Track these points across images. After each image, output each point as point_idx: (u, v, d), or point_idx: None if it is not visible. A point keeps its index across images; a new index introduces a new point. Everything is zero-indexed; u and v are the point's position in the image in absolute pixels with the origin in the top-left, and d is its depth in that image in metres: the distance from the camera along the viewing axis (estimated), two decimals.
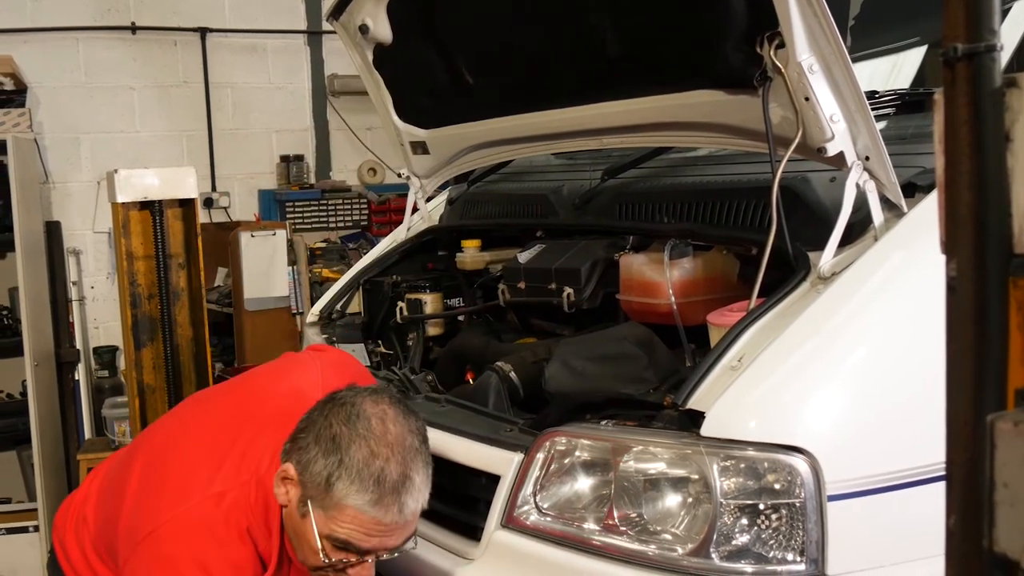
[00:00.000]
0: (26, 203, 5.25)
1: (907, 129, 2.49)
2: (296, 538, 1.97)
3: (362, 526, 1.86)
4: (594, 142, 2.94)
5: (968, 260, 0.93)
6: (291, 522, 1.96)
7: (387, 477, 1.85)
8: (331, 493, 1.85)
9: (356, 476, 1.85)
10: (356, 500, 1.84)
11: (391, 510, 1.86)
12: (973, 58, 0.92)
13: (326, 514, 1.87)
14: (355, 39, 3.29)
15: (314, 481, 1.87)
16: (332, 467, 1.86)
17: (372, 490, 1.84)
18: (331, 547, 1.89)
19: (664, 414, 2.05)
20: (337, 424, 1.90)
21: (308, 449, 1.90)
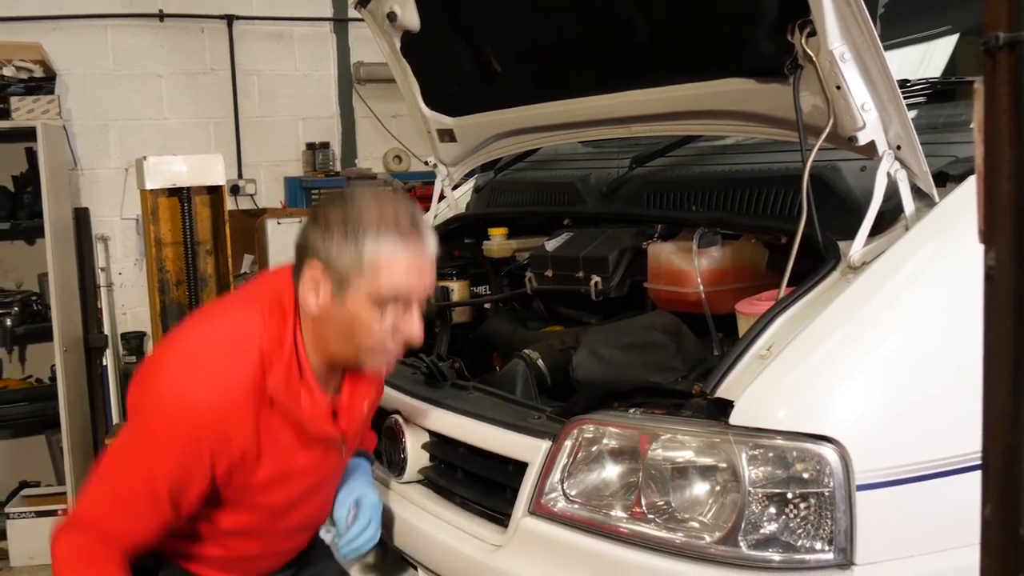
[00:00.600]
0: (55, 190, 5.29)
1: (938, 118, 2.47)
2: (342, 335, 2.02)
3: (399, 271, 1.96)
4: (622, 130, 2.93)
5: (1007, 250, 0.93)
6: (330, 325, 2.02)
7: (401, 219, 1.97)
8: (362, 257, 1.94)
9: (375, 230, 1.94)
10: (387, 248, 1.94)
11: (418, 244, 1.99)
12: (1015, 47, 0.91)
13: (369, 281, 1.95)
14: (383, 27, 3.30)
15: (343, 260, 1.95)
16: (351, 238, 1.94)
17: (395, 234, 1.95)
18: (378, 311, 1.98)
19: (692, 402, 2.05)
20: (334, 213, 1.99)
21: (323, 241, 1.98)
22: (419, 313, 2.04)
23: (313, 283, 1.99)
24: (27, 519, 5.21)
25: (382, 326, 1.99)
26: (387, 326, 2.00)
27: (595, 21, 2.73)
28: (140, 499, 1.96)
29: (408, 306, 2.01)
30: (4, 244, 5.86)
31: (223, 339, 2.01)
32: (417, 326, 2.03)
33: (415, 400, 2.64)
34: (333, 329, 2.02)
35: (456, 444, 2.49)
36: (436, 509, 2.49)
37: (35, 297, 5.71)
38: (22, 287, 5.83)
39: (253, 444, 2.01)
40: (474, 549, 2.28)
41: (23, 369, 5.93)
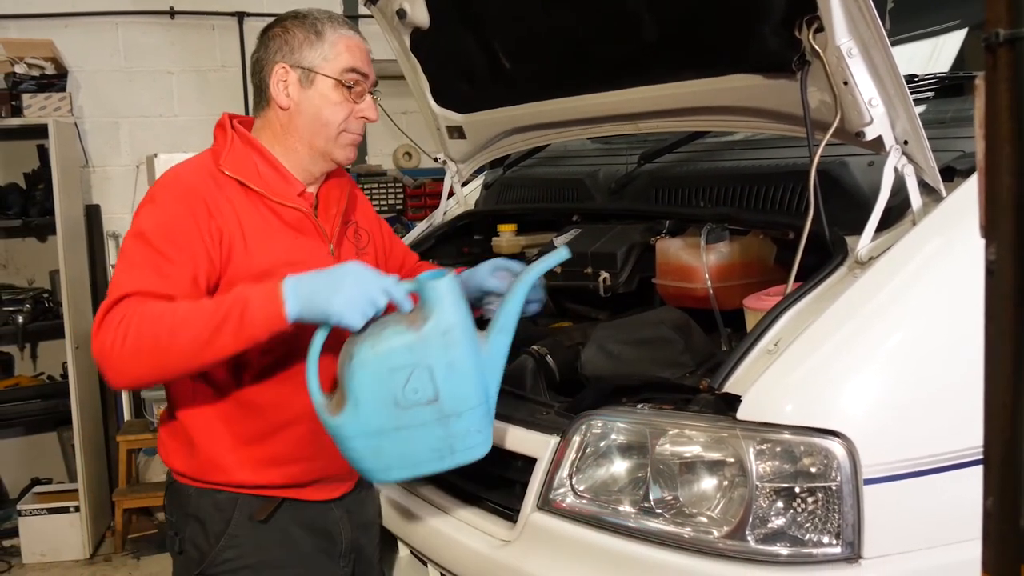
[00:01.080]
0: (67, 187, 5.32)
1: (946, 113, 2.47)
2: (310, 124, 2.27)
3: (354, 50, 2.27)
4: (630, 126, 2.94)
5: (1008, 244, 0.94)
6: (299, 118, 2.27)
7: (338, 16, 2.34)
8: (323, 38, 2.26)
9: (326, 21, 2.29)
10: (342, 31, 2.28)
11: (357, 32, 2.32)
12: (1015, 43, 0.92)
13: (328, 57, 2.25)
14: (392, 23, 3.31)
15: (305, 46, 2.26)
16: (310, 28, 2.27)
17: (341, 23, 2.31)
18: (342, 89, 2.26)
19: (700, 398, 2.06)
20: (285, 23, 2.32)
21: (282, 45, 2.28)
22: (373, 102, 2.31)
23: (283, 84, 2.26)
24: (39, 516, 5.25)
25: (347, 104, 2.26)
26: (350, 105, 2.26)
27: (604, 17, 2.74)
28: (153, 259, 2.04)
29: (363, 90, 2.28)
30: (16, 241, 5.90)
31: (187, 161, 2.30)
32: (372, 109, 2.30)
33: None
34: (303, 121, 2.27)
35: None
36: (445, 505, 2.49)
37: (47, 294, 5.74)
38: (34, 284, 5.87)
39: (236, 224, 2.14)
40: (483, 544, 2.29)
41: (35, 366, 5.97)
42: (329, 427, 2.02)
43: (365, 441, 1.99)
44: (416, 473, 2.10)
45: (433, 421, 1.98)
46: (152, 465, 5.71)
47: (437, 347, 1.96)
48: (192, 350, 1.95)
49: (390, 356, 1.95)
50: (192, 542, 2.26)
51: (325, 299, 1.94)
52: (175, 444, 2.28)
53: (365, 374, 1.96)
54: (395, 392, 1.95)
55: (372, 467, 2.05)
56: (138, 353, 1.94)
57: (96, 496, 5.45)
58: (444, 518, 2.46)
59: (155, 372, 1.98)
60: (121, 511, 5.40)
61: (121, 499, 5.41)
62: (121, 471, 5.49)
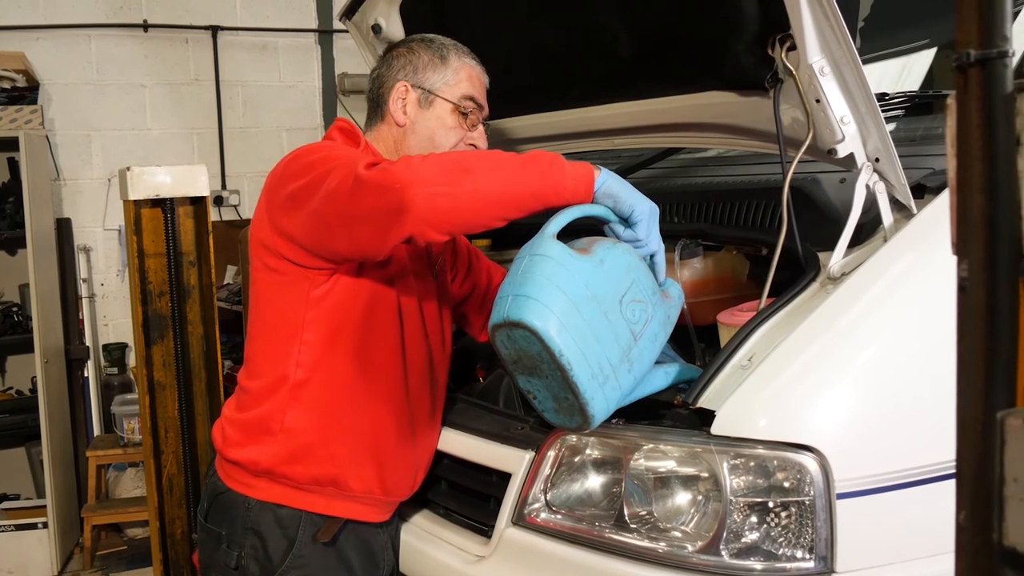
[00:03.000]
0: (37, 200, 5.28)
1: (916, 131, 2.50)
2: (426, 135, 2.33)
3: (475, 81, 2.38)
4: (605, 142, 2.95)
5: (979, 261, 0.95)
6: (413, 137, 2.33)
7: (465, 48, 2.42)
8: (447, 63, 2.35)
9: (457, 49, 2.39)
10: (467, 59, 2.38)
11: (479, 63, 2.41)
12: (986, 64, 0.93)
13: (450, 83, 2.34)
14: (368, 38, 3.31)
15: (429, 69, 2.34)
16: (437, 52, 2.37)
17: (468, 53, 2.40)
18: (459, 114, 2.34)
19: (674, 413, 2.07)
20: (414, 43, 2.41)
21: (407, 67, 2.36)
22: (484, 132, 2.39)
23: (401, 101, 2.32)
24: (6, 532, 5.19)
25: (460, 131, 2.33)
26: (463, 131, 2.34)
27: (579, 34, 2.75)
28: None
29: (476, 120, 2.36)
30: None
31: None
32: (483, 137, 2.38)
33: None
34: (416, 140, 2.33)
35: (440, 455, 2.50)
36: (419, 520, 2.49)
37: (16, 308, 5.69)
38: (3, 298, 5.82)
39: None
40: (457, 560, 2.29)
41: (3, 381, 5.92)
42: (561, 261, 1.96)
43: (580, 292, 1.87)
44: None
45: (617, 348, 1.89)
46: (121, 481, 5.65)
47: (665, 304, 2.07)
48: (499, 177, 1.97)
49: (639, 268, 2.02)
50: (254, 557, 2.20)
51: (635, 196, 2.06)
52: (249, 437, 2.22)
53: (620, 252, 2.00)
54: (621, 292, 1.94)
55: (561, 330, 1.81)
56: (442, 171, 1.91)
57: (65, 512, 5.40)
58: (418, 533, 2.45)
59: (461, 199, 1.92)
60: (90, 527, 5.35)
61: (90, 515, 5.36)
62: (90, 487, 5.44)
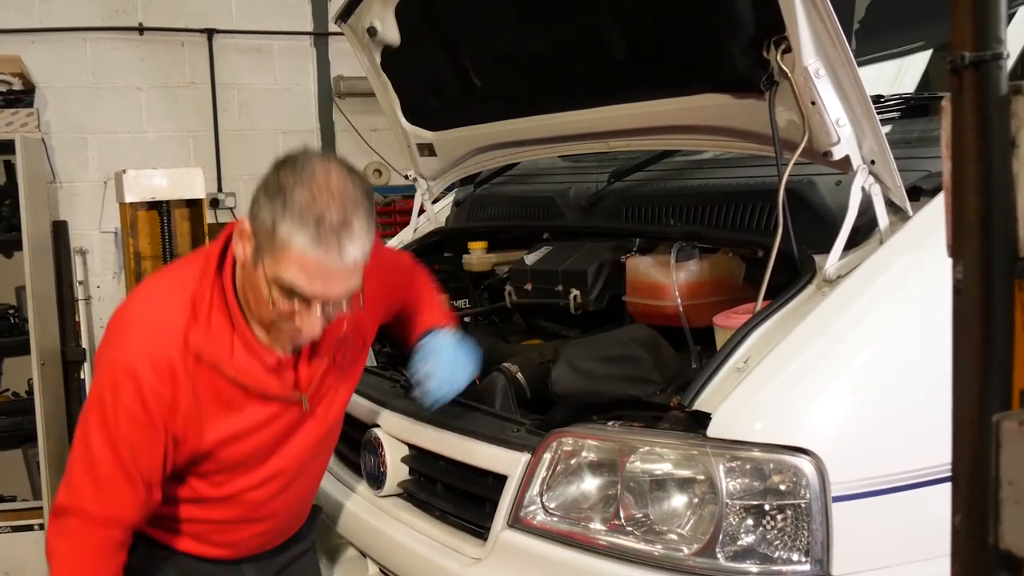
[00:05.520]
0: (33, 203, 5.27)
1: (912, 133, 2.50)
2: (253, 294, 1.99)
3: (304, 268, 1.88)
4: (601, 145, 2.95)
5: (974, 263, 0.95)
6: (249, 281, 1.99)
7: (327, 219, 1.86)
8: (276, 235, 1.87)
9: (298, 216, 1.86)
10: (298, 239, 1.86)
11: (331, 251, 1.87)
12: (980, 66, 0.93)
13: (274, 259, 1.89)
14: (363, 41, 3.31)
15: (262, 227, 1.90)
16: (276, 210, 1.87)
17: (313, 229, 1.85)
18: (279, 293, 1.92)
19: (670, 415, 2.07)
20: (284, 175, 1.91)
21: (259, 202, 1.92)
22: (321, 316, 1.97)
23: (241, 235, 1.98)
24: (2, 534, 5.18)
25: (279, 308, 1.94)
26: (284, 312, 1.95)
27: (574, 36, 2.75)
28: (112, 473, 1.99)
29: (307, 304, 1.94)
30: None
31: (156, 296, 2.07)
32: (312, 327, 1.98)
33: (395, 413, 2.65)
34: (249, 289, 2.01)
35: (436, 457, 2.50)
36: (416, 522, 2.49)
37: (12, 310, 5.67)
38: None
39: (193, 403, 2.01)
40: (454, 562, 2.28)
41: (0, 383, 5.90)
42: None
43: None
44: None
45: None
46: None
47: None
48: None
49: None
50: None
51: None
52: None
53: None
54: None
55: None
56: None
57: None
58: (414, 535, 2.45)
59: None
60: None
61: None
62: None
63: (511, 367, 2.70)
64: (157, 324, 2.00)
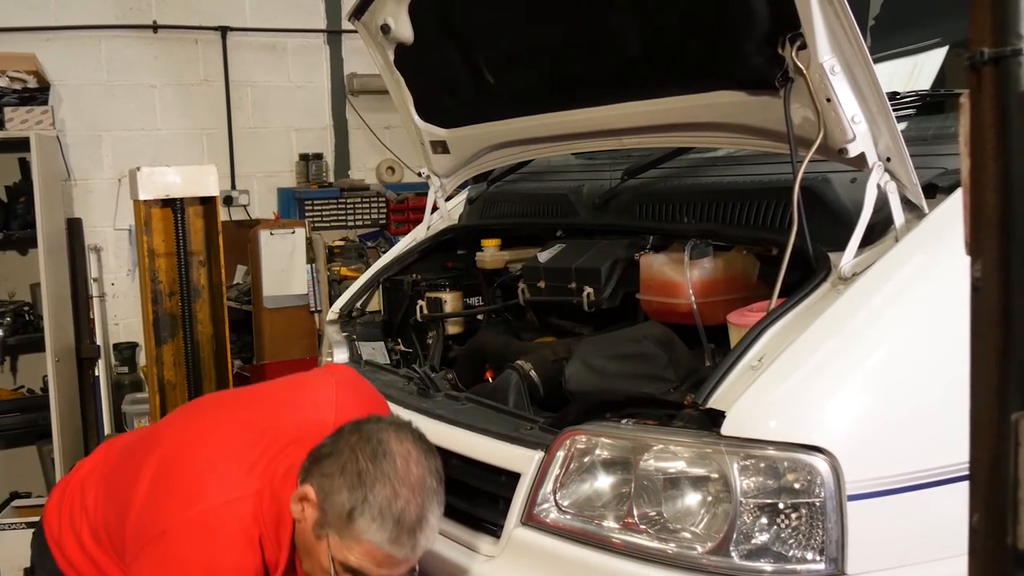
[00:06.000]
0: (48, 200, 5.29)
1: (928, 130, 2.49)
2: (306, 553, 2.05)
3: (375, 559, 1.94)
4: (614, 142, 2.94)
5: (993, 261, 0.94)
6: (303, 538, 2.03)
7: (406, 518, 1.93)
8: (351, 526, 1.93)
9: (378, 514, 1.92)
10: (375, 537, 1.92)
11: (405, 548, 1.95)
12: (999, 62, 0.92)
13: (342, 543, 1.94)
14: (376, 39, 3.31)
15: (335, 511, 1.94)
16: (356, 502, 1.92)
17: (392, 529, 1.92)
18: (341, 570, 1.97)
19: (684, 413, 2.06)
20: (363, 460, 1.96)
21: (332, 478, 1.97)
22: None
23: (303, 499, 2.00)
24: (18, 530, 5.19)
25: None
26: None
27: (588, 34, 2.75)
28: None
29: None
30: None
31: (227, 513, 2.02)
32: None
33: (408, 411, 2.64)
34: (303, 546, 2.04)
35: (449, 455, 2.49)
36: None
37: (27, 307, 5.70)
38: (14, 297, 5.83)
39: None
40: (467, 559, 2.29)
41: (15, 379, 5.93)
42: None
43: None
44: None
45: None
46: None
47: None
48: None
49: None
50: None
51: None
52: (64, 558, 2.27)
53: None
54: None
55: None
56: None
57: None
58: None
59: None
60: None
61: None
62: None
63: (524, 365, 2.70)
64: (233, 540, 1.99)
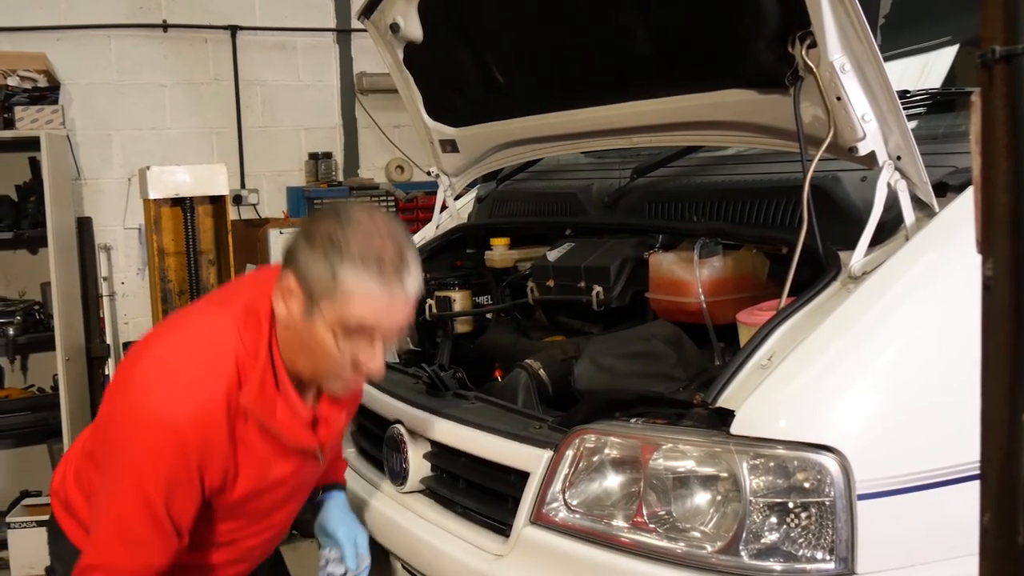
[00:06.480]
0: (58, 199, 5.31)
1: (938, 128, 2.48)
2: (305, 351, 2.00)
3: (371, 308, 1.93)
4: (624, 141, 2.94)
5: (1004, 260, 0.94)
6: (295, 337, 2.00)
7: (387, 256, 1.92)
8: (337, 284, 1.91)
9: (359, 260, 1.90)
10: (362, 282, 1.90)
11: (394, 288, 1.93)
12: (1011, 60, 0.92)
13: (334, 306, 1.92)
14: (386, 37, 3.31)
15: (318, 281, 1.92)
16: (335, 261, 1.90)
17: (375, 269, 1.90)
18: (343, 336, 1.95)
19: (693, 412, 2.05)
20: (332, 228, 1.94)
21: (307, 257, 1.94)
22: (383, 349, 2.01)
23: (286, 293, 1.98)
24: (28, 529, 5.20)
25: (342, 355, 1.97)
26: (347, 356, 1.98)
27: (597, 32, 2.74)
28: (144, 529, 1.96)
29: (372, 340, 1.98)
30: (7, 253, 5.87)
31: (197, 350, 2.01)
32: (379, 363, 2.01)
33: (417, 410, 2.65)
34: (297, 343, 2.01)
35: (458, 454, 2.50)
36: (438, 519, 2.49)
37: (37, 306, 5.72)
38: (24, 296, 5.85)
39: (231, 457, 2.01)
40: (476, 559, 2.28)
41: (25, 378, 5.94)
42: None
43: None
44: None
45: None
46: None
47: None
48: None
49: None
50: None
51: None
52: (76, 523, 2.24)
53: None
54: None
55: None
56: None
57: None
58: (437, 532, 2.45)
59: None
60: None
61: None
62: None
63: (533, 363, 2.70)
64: (201, 379, 1.96)
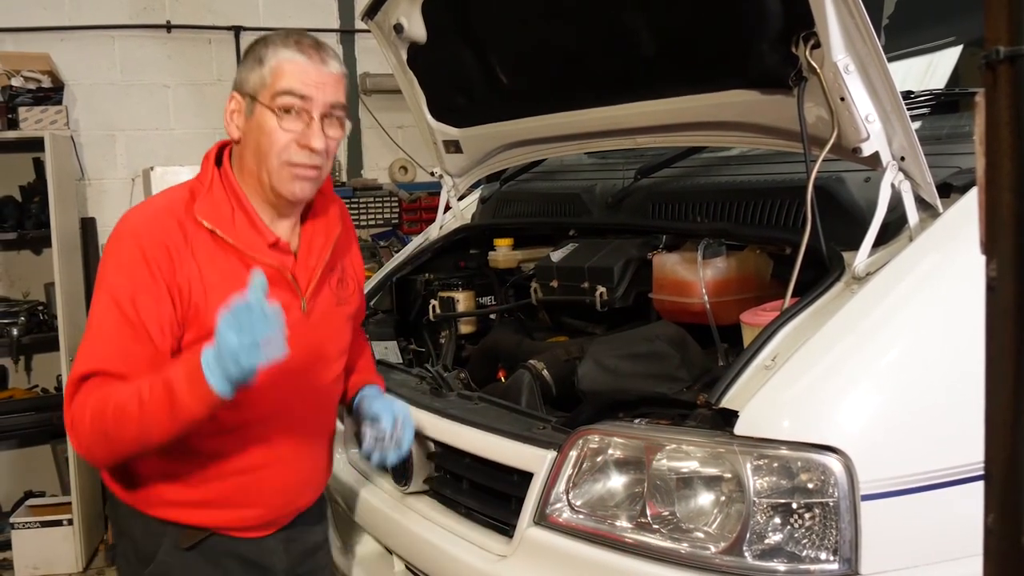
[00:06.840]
0: (62, 199, 5.31)
1: (942, 129, 2.48)
2: (255, 149, 2.13)
3: (296, 76, 2.09)
4: (627, 141, 2.94)
5: (1008, 260, 0.94)
6: (246, 145, 2.15)
7: (304, 39, 2.13)
8: (265, 65, 2.10)
9: (280, 42, 2.11)
10: (285, 54, 2.09)
11: (315, 58, 2.11)
12: (1015, 60, 0.92)
13: (267, 84, 2.09)
14: (390, 38, 3.31)
15: (250, 75, 2.12)
16: (259, 54, 2.12)
17: (294, 45, 2.10)
18: (282, 110, 2.09)
19: (697, 413, 2.06)
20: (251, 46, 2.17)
21: (239, 72, 2.18)
22: (320, 129, 2.11)
23: (231, 114, 2.16)
24: (32, 529, 5.22)
25: (283, 132, 2.09)
26: (289, 133, 2.09)
27: (601, 33, 2.74)
28: (119, 332, 2.01)
29: (309, 118, 2.10)
30: (11, 254, 5.88)
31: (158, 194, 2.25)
32: (316, 135, 2.10)
33: (421, 410, 2.64)
34: (249, 153, 2.14)
35: (461, 454, 2.50)
36: (441, 519, 2.49)
37: (41, 307, 5.72)
38: (29, 297, 5.85)
39: (199, 279, 2.07)
40: (479, 559, 2.28)
41: (29, 379, 5.95)
42: None
43: None
44: None
45: None
46: None
47: None
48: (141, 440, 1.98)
49: None
50: (125, 558, 2.28)
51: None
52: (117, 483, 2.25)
53: None
54: None
55: None
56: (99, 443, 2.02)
57: (89, 509, 5.42)
58: (439, 532, 2.45)
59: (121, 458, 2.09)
60: None
61: None
62: None
63: (537, 364, 2.70)
64: (159, 200, 2.18)
